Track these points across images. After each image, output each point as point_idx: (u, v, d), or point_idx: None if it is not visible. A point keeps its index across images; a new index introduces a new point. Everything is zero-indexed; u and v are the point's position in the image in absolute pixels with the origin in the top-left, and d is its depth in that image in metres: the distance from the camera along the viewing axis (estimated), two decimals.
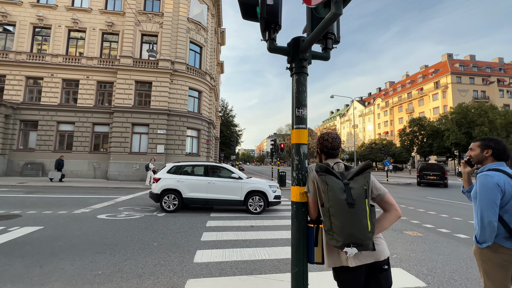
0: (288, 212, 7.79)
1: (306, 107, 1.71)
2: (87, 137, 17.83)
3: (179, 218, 6.68)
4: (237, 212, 7.64)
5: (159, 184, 7.58)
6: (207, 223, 6.14)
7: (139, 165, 17.16)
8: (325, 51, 1.82)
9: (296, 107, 1.71)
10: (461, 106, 33.90)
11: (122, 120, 17.42)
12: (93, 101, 18.15)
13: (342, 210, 1.36)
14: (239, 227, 5.82)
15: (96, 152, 17.96)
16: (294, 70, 1.74)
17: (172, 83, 18.40)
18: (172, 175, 7.79)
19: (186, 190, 7.54)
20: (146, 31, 18.72)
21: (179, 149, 18.16)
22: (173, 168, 7.97)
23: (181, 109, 18.49)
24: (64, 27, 18.42)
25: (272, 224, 6.19)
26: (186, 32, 19.26)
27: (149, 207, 8.12)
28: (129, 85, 17.82)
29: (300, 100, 1.71)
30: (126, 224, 5.89)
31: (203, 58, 20.77)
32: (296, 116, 1.70)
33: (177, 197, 7.48)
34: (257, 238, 5.04)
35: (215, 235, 5.14)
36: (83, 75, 18.15)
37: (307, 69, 1.73)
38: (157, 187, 7.55)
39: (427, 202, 10.81)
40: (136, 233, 5.16)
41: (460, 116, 32.59)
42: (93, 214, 6.86)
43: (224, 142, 46.42)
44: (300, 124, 1.69)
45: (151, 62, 18.19)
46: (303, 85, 1.72)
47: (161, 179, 7.65)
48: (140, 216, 6.69)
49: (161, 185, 7.54)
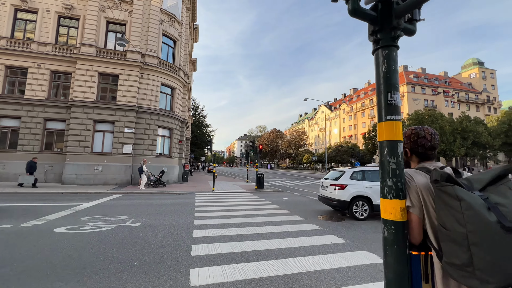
0: (274, 217, 7.39)
1: (398, 91, 1.28)
2: (37, 135, 15.37)
3: (159, 228, 5.82)
4: (223, 218, 6.99)
5: (348, 190, 7.34)
6: (193, 233, 5.42)
7: (101, 167, 15.30)
8: (410, 23, 1.40)
9: (386, 92, 1.27)
10: (417, 113, 37.38)
11: (82, 116, 15.39)
12: (45, 93, 15.75)
13: (494, 237, 0.94)
14: (231, 237, 5.22)
15: (49, 152, 15.58)
16: (382, 42, 1.31)
17: (142, 78, 16.85)
18: (356, 181, 7.49)
19: (375, 196, 7.20)
20: (112, 19, 16.88)
21: (148, 150, 16.66)
22: (354, 173, 7.75)
23: (152, 106, 17.03)
24: (10, 6, 15.71)
25: (265, 232, 5.70)
26: (159, 23, 17.87)
27: (119, 216, 7.04)
28: (91, 77, 15.84)
29: (393, 81, 1.28)
30: (93, 238, 4.89)
31: (177, 53, 19.50)
32: (388, 104, 1.26)
33: (366, 204, 7.23)
34: (256, 249, 4.51)
35: (206, 248, 4.48)
36: (33, 62, 15.65)
37: (398, 40, 1.30)
38: (346, 194, 7.31)
39: None
40: (109, 250, 4.26)
41: (416, 122, 35.87)
42: (48, 227, 5.64)
43: (195, 143, 44.69)
44: (393, 114, 1.26)
45: (118, 53, 16.45)
46: (394, 62, 1.29)
47: (349, 185, 7.42)
48: (110, 228, 5.68)
49: (351, 191, 7.30)
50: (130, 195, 11.72)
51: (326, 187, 8.06)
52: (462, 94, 63.35)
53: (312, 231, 5.82)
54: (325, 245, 4.84)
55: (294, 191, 15.28)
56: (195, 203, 9.67)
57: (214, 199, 10.98)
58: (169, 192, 13.08)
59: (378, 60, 1.32)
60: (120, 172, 15.51)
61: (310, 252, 4.40)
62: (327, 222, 6.88)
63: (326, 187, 8.06)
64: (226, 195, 12.79)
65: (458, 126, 35.46)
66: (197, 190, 14.28)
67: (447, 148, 33.58)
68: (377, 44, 1.32)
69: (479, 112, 64.16)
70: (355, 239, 5.28)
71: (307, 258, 4.13)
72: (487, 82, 68.23)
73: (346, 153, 56.85)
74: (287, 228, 6.04)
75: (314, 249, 4.60)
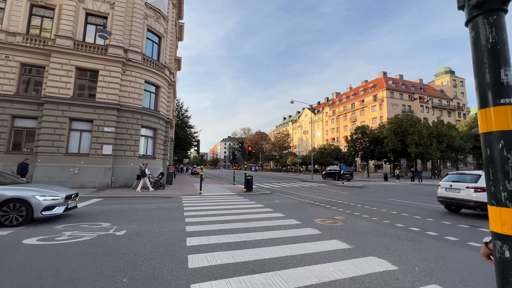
0: (270, 221, 7.05)
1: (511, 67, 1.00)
2: (3, 133, 13.88)
3: (147, 236, 5.26)
4: (216, 223, 6.54)
5: None
6: (187, 241, 4.93)
7: (78, 169, 14.13)
8: None
9: (496, 68, 0.98)
10: (397, 118, 38.94)
11: (57, 114, 14.15)
12: (14, 88, 14.30)
13: None
14: (229, 245, 4.80)
15: (17, 153, 14.12)
16: (487, 6, 1.02)
17: (124, 74, 15.88)
18: None
19: None
20: (92, 10, 15.79)
21: (130, 150, 15.68)
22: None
23: (135, 105, 16.08)
24: None
25: (265, 238, 5.34)
26: (144, 18, 17.01)
27: (100, 223, 6.34)
28: (67, 72, 14.64)
29: (505, 54, 1.00)
30: (72, 250, 4.25)
31: (162, 50, 18.67)
32: (499, 84, 0.98)
33: None
34: (259, 258, 4.13)
35: (205, 259, 4.04)
36: (1, 53, 14.18)
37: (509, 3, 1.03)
38: None
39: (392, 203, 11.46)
40: (91, 265, 3.68)
41: (396, 125, 37.36)
42: (16, 238, 4.89)
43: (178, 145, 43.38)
44: (508, 97, 0.97)
45: (98, 47, 15.38)
46: (505, 31, 1.01)
47: None
48: (91, 237, 5.03)
49: None
50: (110, 200, 10.85)
51: (458, 190, 8.51)
52: (435, 101, 67.26)
53: (313, 236, 5.55)
54: (331, 251, 4.58)
55: (284, 194, 15.06)
56: (184, 208, 9.09)
57: (203, 203, 10.44)
58: (154, 196, 12.31)
59: (479, 30, 1.04)
60: (99, 175, 14.42)
61: (318, 260, 4.11)
62: (325, 225, 6.65)
63: (458, 190, 8.51)
64: (215, 198, 12.26)
65: (434, 130, 37.37)
66: (183, 193, 13.60)
67: (425, 151, 35.21)
68: (478, 9, 1.04)
69: (451, 117, 68.43)
70: (359, 243, 5.07)
71: (317, 266, 3.83)
72: (457, 89, 73.08)
73: (330, 155, 58.04)
74: (286, 233, 5.73)
75: (321, 256, 4.32)
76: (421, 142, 35.32)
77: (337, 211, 9.10)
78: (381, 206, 10.51)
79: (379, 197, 13.86)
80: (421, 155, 35.84)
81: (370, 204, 10.87)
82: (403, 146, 36.40)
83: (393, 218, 7.84)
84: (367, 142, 42.75)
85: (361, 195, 15.26)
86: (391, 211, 9.26)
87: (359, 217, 8.03)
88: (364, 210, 9.41)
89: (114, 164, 15.05)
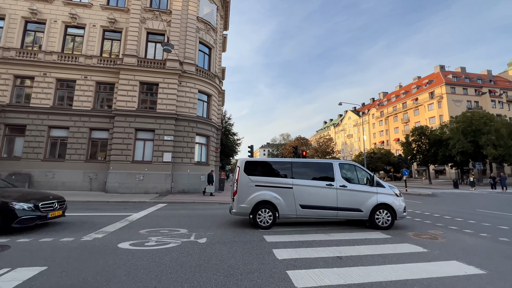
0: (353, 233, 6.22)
1: None
2: (83, 144, 15.75)
3: (230, 246, 4.97)
4: (292, 233, 5.99)
5: None
6: (275, 254, 4.47)
7: (142, 176, 15.18)
8: None
9: None
10: (465, 115, 33.79)
11: (124, 125, 15.54)
12: (91, 104, 16.22)
13: None
14: (325, 260, 4.19)
15: (93, 161, 15.86)
16: None
17: (180, 85, 16.80)
18: None
19: None
20: (152, 29, 17.22)
21: (187, 158, 16.34)
22: None
23: (190, 114, 16.82)
24: (61, 23, 16.65)
25: (362, 254, 4.58)
26: (196, 31, 17.91)
27: (178, 229, 6.34)
28: (132, 86, 16.07)
29: None
30: (165, 258, 4.14)
31: (212, 60, 19.38)
32: None
33: None
34: (372, 280, 3.42)
35: (309, 277, 3.49)
36: (81, 75, 16.29)
37: None
38: None
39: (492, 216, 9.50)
40: (190, 276, 3.44)
41: (465, 124, 32.37)
42: (111, 241, 5.05)
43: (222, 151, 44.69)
44: None
45: (157, 62, 16.61)
46: None
47: None
48: (177, 244, 4.93)
49: None
50: (174, 205, 11.21)
51: None
52: (510, 94, 57.08)
53: (421, 254, 4.59)
54: (461, 276, 3.62)
55: None
56: None
57: None
58: (211, 202, 12.41)
59: None
60: (161, 181, 15.26)
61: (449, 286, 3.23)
62: (425, 241, 5.57)
63: None
64: None
65: None
66: None
67: (506, 153, 29.65)
68: None
69: None
70: (493, 268, 3.98)
71: None
72: None
73: (380, 160, 53.32)
74: (384, 249, 4.87)
75: (453, 282, 3.41)
76: (500, 143, 29.87)
77: (424, 223, 7.77)
78: (477, 218, 8.73)
79: (465, 208, 11.74)
80: (500, 157, 30.29)
81: (460, 216, 9.14)
82: (475, 147, 31.28)
83: (510, 235, 6.29)
84: (427, 145, 38.00)
85: (437, 204, 13.19)
86: (498, 225, 7.55)
87: (460, 231, 6.66)
88: (459, 223, 7.87)
89: (173, 171, 15.80)
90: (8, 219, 5.32)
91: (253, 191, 6.68)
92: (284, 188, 6.71)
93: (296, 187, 6.72)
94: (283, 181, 6.79)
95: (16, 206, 5.42)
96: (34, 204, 5.71)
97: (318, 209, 6.66)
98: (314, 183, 6.83)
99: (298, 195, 6.67)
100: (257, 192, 6.66)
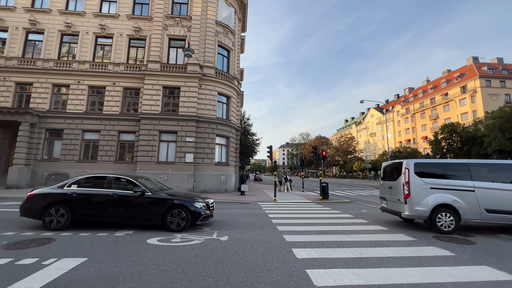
0: (374, 235, 6.11)
1: None
2: (113, 146, 16.86)
3: (251, 244, 5.14)
4: (312, 233, 6.03)
5: None
6: (295, 253, 4.56)
7: (166, 176, 15.91)
8: None
9: None
10: (502, 110, 31.10)
11: (149, 128, 16.39)
12: (119, 108, 17.31)
13: None
14: (345, 261, 4.20)
15: (122, 162, 16.91)
16: None
17: (201, 88, 17.36)
18: None
19: None
20: (173, 35, 17.97)
21: (208, 158, 16.85)
22: None
23: (210, 115, 17.32)
24: (92, 34, 17.96)
25: (383, 256, 4.52)
26: (215, 35, 18.39)
27: (201, 227, 6.65)
28: (156, 91, 16.91)
29: None
30: (190, 254, 4.41)
31: (231, 62, 19.76)
32: None
33: None
34: (393, 282, 3.40)
35: (328, 277, 3.55)
36: (110, 81, 17.44)
37: None
38: None
39: None
40: (214, 271, 3.65)
41: (503, 120, 29.78)
42: (140, 237, 5.45)
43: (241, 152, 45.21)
44: None
45: (179, 66, 17.31)
46: None
47: None
48: (200, 241, 5.21)
49: None
50: None
51: None
52: None
53: (447, 258, 4.43)
54: (490, 282, 3.47)
55: (365, 202, 13.50)
56: (267, 214, 8.94)
57: (283, 210, 10.13)
58: (232, 201, 12.71)
59: None
60: (183, 181, 15.89)
61: None
62: (453, 244, 5.34)
63: None
64: (292, 205, 11.82)
65: None
66: (258, 200, 13.65)
67: None
68: None
69: None
70: None
71: None
72: None
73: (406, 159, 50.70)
74: (406, 252, 4.76)
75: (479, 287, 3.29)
76: None
77: None
78: None
79: None
80: None
81: None
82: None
83: None
84: (458, 143, 35.53)
85: None
86: None
87: (492, 235, 6.27)
88: (491, 226, 7.37)
89: (195, 171, 16.37)
90: (194, 217, 6.13)
91: (429, 194, 6.43)
92: (464, 191, 6.33)
93: (479, 190, 6.30)
94: (464, 183, 6.39)
95: (198, 205, 6.25)
96: (206, 203, 6.49)
97: (509, 214, 6.16)
98: (502, 186, 6.27)
99: (482, 198, 6.26)
100: (433, 195, 6.40)
